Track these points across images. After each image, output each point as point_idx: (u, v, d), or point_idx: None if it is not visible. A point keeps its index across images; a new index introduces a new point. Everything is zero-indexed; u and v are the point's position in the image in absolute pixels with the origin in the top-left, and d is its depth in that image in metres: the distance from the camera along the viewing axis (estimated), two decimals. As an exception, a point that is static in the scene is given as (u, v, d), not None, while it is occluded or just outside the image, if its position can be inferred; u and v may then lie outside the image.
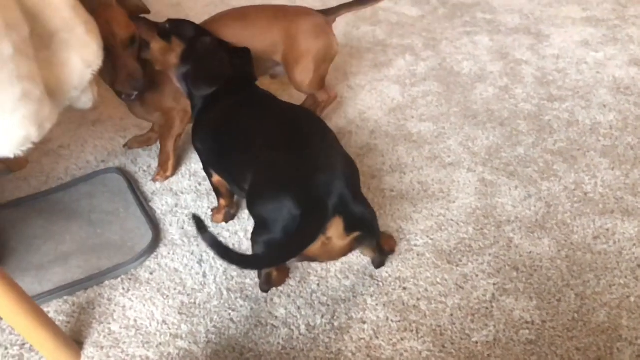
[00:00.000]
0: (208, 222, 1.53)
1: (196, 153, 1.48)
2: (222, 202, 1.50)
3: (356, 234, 1.12)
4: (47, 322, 1.13)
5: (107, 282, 1.39)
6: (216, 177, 1.41)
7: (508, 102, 1.95)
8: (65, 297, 1.35)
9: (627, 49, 2.21)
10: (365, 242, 1.21)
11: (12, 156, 0.99)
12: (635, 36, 2.29)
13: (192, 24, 1.48)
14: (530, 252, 1.42)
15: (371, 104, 1.97)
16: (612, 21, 2.39)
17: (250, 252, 1.22)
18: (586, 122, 1.84)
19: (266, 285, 1.32)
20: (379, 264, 1.39)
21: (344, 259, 1.41)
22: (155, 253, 1.46)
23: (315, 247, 1.07)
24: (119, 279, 1.39)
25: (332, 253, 1.14)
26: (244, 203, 1.53)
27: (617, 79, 2.03)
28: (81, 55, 1.14)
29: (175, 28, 1.44)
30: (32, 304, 1.10)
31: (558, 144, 1.76)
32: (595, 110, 1.89)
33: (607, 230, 1.47)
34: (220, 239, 1.46)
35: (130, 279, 1.39)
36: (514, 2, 2.60)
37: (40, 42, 1.08)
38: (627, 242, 1.44)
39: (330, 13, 1.65)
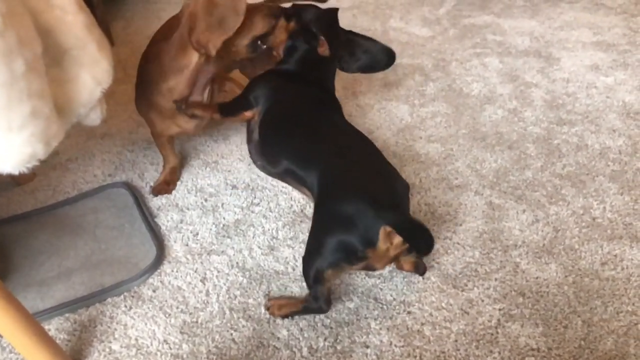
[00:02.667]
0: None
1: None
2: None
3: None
4: (47, 341, 1.12)
5: (109, 300, 1.38)
6: (250, 114, 1.46)
7: (517, 125, 1.94)
8: (66, 315, 1.35)
9: (638, 74, 2.20)
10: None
11: (16, 173, 1.00)
12: (645, 61, 2.28)
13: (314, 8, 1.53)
14: (537, 278, 1.40)
15: (379, 123, 1.97)
16: (622, 46, 2.38)
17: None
18: (595, 147, 1.83)
19: (327, 304, 1.28)
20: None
21: (348, 279, 1.40)
22: (158, 270, 1.45)
23: (383, 248, 1.14)
24: (122, 296, 1.39)
25: (390, 258, 1.19)
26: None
27: (627, 104, 2.02)
28: (92, 72, 1.15)
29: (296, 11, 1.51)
30: (33, 322, 1.09)
31: (567, 168, 1.75)
32: (605, 135, 1.88)
33: (615, 256, 1.46)
34: (224, 256, 1.48)
35: (132, 297, 1.39)
36: (525, 24, 2.60)
37: (51, 59, 1.08)
38: (636, 268, 1.42)
39: None
